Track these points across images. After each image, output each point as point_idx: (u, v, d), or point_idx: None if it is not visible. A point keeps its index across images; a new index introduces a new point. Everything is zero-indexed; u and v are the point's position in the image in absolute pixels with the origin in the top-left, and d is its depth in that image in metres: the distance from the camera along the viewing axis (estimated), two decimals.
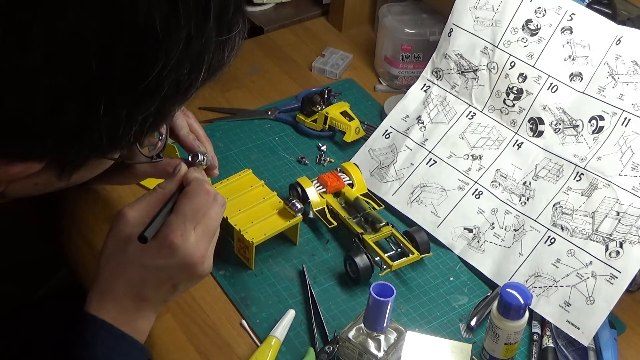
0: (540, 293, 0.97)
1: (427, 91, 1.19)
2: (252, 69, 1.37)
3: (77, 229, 1.06)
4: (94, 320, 0.78)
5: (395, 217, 1.10)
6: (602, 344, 0.94)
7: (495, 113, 1.12)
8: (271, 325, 0.93)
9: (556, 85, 1.08)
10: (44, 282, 1.34)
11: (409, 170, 1.13)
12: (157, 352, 0.92)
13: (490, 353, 0.91)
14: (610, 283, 0.94)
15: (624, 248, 0.95)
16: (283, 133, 1.24)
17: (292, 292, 0.99)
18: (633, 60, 1.03)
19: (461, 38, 1.16)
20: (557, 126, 1.07)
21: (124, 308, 0.79)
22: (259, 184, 1.06)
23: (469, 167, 1.10)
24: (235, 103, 1.29)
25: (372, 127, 1.22)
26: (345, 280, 1.01)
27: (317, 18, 1.52)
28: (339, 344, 0.89)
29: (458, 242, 1.06)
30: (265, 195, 1.05)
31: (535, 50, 1.10)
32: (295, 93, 1.30)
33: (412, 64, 1.32)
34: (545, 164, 1.06)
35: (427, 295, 1.01)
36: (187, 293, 0.97)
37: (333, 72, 1.36)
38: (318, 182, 1.08)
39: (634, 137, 1.00)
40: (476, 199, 1.08)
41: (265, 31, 1.47)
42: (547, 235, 1.01)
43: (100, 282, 0.81)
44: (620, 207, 0.97)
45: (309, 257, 1.04)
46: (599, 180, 1.00)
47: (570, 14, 1.09)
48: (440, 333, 0.96)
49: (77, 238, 1.05)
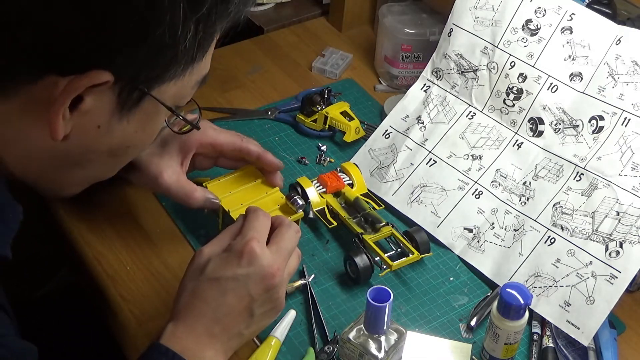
0: (540, 293, 0.97)
1: (427, 91, 1.19)
2: (252, 69, 1.37)
3: (77, 229, 1.06)
4: (158, 348, 0.79)
5: (395, 217, 1.10)
6: (602, 344, 0.94)
7: (495, 113, 1.12)
8: (271, 325, 0.93)
9: (556, 85, 1.08)
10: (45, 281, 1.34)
11: (409, 170, 1.13)
12: None
13: (490, 353, 0.91)
14: (610, 283, 0.94)
15: (624, 248, 0.95)
16: (283, 133, 1.24)
17: (292, 292, 0.99)
18: (633, 60, 1.03)
19: (461, 38, 1.16)
20: (557, 126, 1.07)
21: (197, 337, 0.81)
22: (262, 179, 1.07)
23: (469, 167, 1.10)
24: (235, 103, 1.29)
25: (372, 127, 1.22)
26: (345, 280, 1.02)
27: (317, 18, 1.52)
28: (339, 344, 0.89)
29: (458, 242, 1.06)
30: (268, 190, 1.05)
31: (535, 50, 1.10)
32: (295, 93, 1.30)
33: (412, 64, 1.32)
34: (545, 164, 1.06)
35: (427, 295, 1.01)
36: None
37: (333, 72, 1.36)
38: (318, 182, 1.08)
39: (634, 137, 1.00)
40: (476, 199, 1.08)
41: (265, 31, 1.47)
42: (547, 235, 1.01)
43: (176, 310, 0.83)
44: (620, 207, 0.97)
45: (309, 257, 1.04)
46: (599, 180, 1.00)
47: (570, 14, 1.09)
48: (440, 333, 0.96)
49: (78, 238, 1.06)
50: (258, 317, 0.84)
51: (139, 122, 0.74)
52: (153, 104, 0.73)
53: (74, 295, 1.21)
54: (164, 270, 1.02)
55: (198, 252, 0.85)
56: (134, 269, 1.02)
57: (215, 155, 1.06)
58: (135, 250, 1.04)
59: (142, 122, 0.75)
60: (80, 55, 0.64)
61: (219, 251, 0.84)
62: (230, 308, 0.81)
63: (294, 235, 0.87)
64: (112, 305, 0.98)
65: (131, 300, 0.98)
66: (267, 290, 0.83)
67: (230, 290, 0.81)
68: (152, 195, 1.11)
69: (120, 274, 1.01)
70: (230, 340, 0.83)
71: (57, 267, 1.34)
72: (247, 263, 0.81)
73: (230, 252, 0.83)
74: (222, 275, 0.81)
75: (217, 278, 0.81)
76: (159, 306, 0.97)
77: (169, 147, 1.00)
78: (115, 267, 1.02)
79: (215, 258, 0.83)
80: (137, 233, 1.06)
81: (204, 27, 0.68)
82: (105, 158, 0.77)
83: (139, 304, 0.98)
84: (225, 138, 1.04)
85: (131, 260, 1.03)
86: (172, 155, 1.00)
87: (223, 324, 0.81)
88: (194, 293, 0.82)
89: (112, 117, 0.71)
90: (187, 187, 1.00)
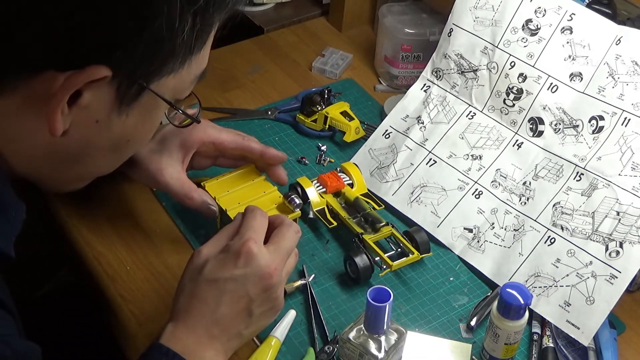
0: (540, 293, 0.97)
1: (427, 91, 1.19)
2: (252, 69, 1.37)
3: (77, 229, 1.06)
4: (159, 348, 0.79)
5: (395, 217, 1.10)
6: (602, 344, 0.94)
7: (495, 113, 1.12)
8: (271, 325, 0.93)
9: (556, 85, 1.08)
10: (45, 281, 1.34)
11: (409, 170, 1.13)
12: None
13: (490, 353, 0.91)
14: (610, 283, 0.94)
15: (624, 248, 0.95)
16: (283, 133, 1.24)
17: (292, 292, 0.99)
18: (633, 60, 1.03)
19: (461, 38, 1.16)
20: (557, 126, 1.07)
21: (197, 337, 0.81)
22: (260, 178, 1.07)
23: (469, 167, 1.10)
24: (236, 103, 1.29)
25: (372, 127, 1.22)
26: (345, 280, 1.01)
27: (317, 18, 1.52)
28: (339, 344, 0.89)
29: (458, 242, 1.06)
30: (266, 189, 1.05)
31: (535, 50, 1.10)
32: (295, 93, 1.30)
33: (412, 64, 1.32)
34: (545, 164, 1.06)
35: (427, 295, 1.01)
36: None
37: (333, 72, 1.36)
38: (318, 182, 1.08)
39: (634, 137, 1.00)
40: (476, 199, 1.08)
41: (265, 31, 1.47)
42: (547, 235, 1.01)
43: (175, 310, 0.83)
44: (620, 207, 0.97)
45: (309, 257, 1.04)
46: (599, 180, 1.00)
47: (570, 14, 1.09)
48: (440, 333, 0.96)
49: (78, 238, 1.06)
50: (257, 317, 0.84)
51: (138, 116, 0.74)
52: (152, 98, 0.73)
53: (74, 295, 1.21)
54: (164, 270, 1.02)
55: (196, 252, 0.85)
56: (134, 269, 1.02)
57: (216, 154, 1.06)
58: (135, 250, 1.04)
59: (141, 117, 0.75)
60: (78, 51, 0.65)
61: (216, 251, 0.84)
62: (229, 309, 0.81)
63: (294, 235, 0.87)
64: (112, 305, 0.98)
65: (131, 300, 0.98)
66: (265, 290, 0.83)
67: (228, 292, 0.81)
68: (152, 195, 1.11)
69: (120, 274, 1.01)
70: (230, 340, 0.83)
71: (57, 267, 1.34)
72: (245, 263, 0.81)
73: (227, 253, 0.82)
74: (220, 277, 0.81)
75: (215, 279, 0.81)
76: (159, 306, 0.97)
77: (169, 144, 1.00)
78: (115, 267, 1.02)
79: (213, 259, 0.83)
80: (137, 233, 1.06)
81: (201, 19, 0.69)
82: (105, 153, 0.77)
83: (139, 304, 0.98)
84: (227, 136, 1.04)
85: (131, 260, 1.03)
86: (172, 152, 1.00)
87: (222, 324, 0.81)
88: (193, 294, 0.82)
89: (111, 112, 0.71)
90: (187, 185, 1.00)
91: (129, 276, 1.01)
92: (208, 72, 0.78)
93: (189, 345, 0.79)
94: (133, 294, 0.99)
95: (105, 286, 1.00)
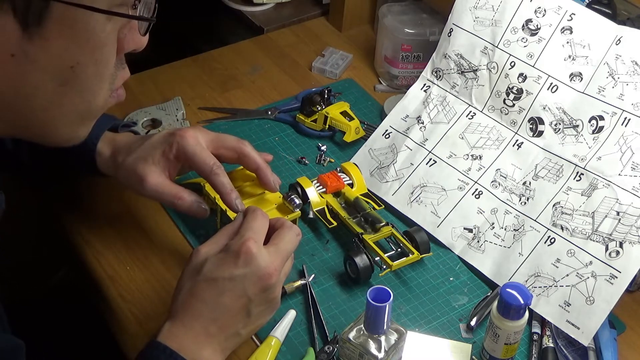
0: (540, 293, 0.97)
1: (427, 91, 1.19)
2: (252, 69, 1.37)
3: (77, 229, 1.06)
4: (157, 345, 0.79)
5: (395, 217, 1.10)
6: (602, 344, 0.94)
7: (495, 113, 1.12)
8: (271, 325, 0.93)
9: (556, 85, 1.08)
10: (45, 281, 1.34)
11: (408, 170, 1.13)
12: None
13: (490, 353, 0.91)
14: (610, 283, 0.94)
15: (624, 248, 0.95)
16: (283, 133, 1.24)
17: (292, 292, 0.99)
18: (633, 60, 1.03)
19: (461, 38, 1.16)
20: (557, 126, 1.07)
21: (194, 336, 0.80)
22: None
23: (468, 167, 1.10)
24: (235, 103, 1.29)
25: (372, 127, 1.22)
26: (345, 280, 1.02)
27: (317, 18, 1.52)
28: (339, 344, 0.89)
29: (458, 242, 1.06)
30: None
31: (535, 50, 1.10)
32: (295, 93, 1.30)
33: (412, 64, 1.32)
34: (545, 163, 1.06)
35: (427, 295, 1.01)
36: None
37: (333, 72, 1.36)
38: (318, 182, 1.08)
39: (634, 137, 1.00)
40: (476, 199, 1.08)
41: (265, 31, 1.47)
42: (547, 235, 1.01)
43: (173, 308, 0.83)
44: (620, 207, 0.97)
45: (309, 257, 1.04)
46: (599, 180, 1.00)
47: (570, 14, 1.09)
48: (440, 333, 0.96)
49: (78, 238, 1.06)
50: (255, 317, 0.84)
51: (60, 36, 0.65)
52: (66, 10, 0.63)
53: (74, 295, 1.21)
54: (164, 270, 1.02)
55: (195, 251, 0.85)
56: (134, 269, 1.02)
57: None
58: (135, 250, 1.04)
59: (66, 35, 0.65)
60: None
61: (215, 251, 0.84)
62: (227, 308, 0.81)
63: (294, 238, 0.87)
64: (112, 305, 0.99)
65: (131, 300, 0.98)
66: (264, 291, 0.83)
67: (227, 291, 0.81)
68: None
69: (120, 274, 1.01)
70: (228, 339, 0.83)
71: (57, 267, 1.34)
72: (244, 263, 0.81)
73: (227, 252, 0.82)
74: (219, 276, 0.81)
75: (214, 278, 0.81)
76: (159, 306, 0.97)
77: (155, 152, 0.97)
78: (115, 267, 1.02)
79: (212, 258, 0.83)
80: (137, 233, 1.06)
81: None
82: (56, 88, 0.68)
83: (139, 304, 0.98)
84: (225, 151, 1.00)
85: (131, 260, 1.03)
86: (156, 160, 0.97)
87: (220, 323, 0.81)
88: (191, 293, 0.82)
89: (22, 40, 0.63)
90: (174, 189, 0.97)
91: (129, 276, 1.01)
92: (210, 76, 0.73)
93: (187, 343, 0.79)
94: (133, 294, 0.99)
95: (105, 286, 1.00)
